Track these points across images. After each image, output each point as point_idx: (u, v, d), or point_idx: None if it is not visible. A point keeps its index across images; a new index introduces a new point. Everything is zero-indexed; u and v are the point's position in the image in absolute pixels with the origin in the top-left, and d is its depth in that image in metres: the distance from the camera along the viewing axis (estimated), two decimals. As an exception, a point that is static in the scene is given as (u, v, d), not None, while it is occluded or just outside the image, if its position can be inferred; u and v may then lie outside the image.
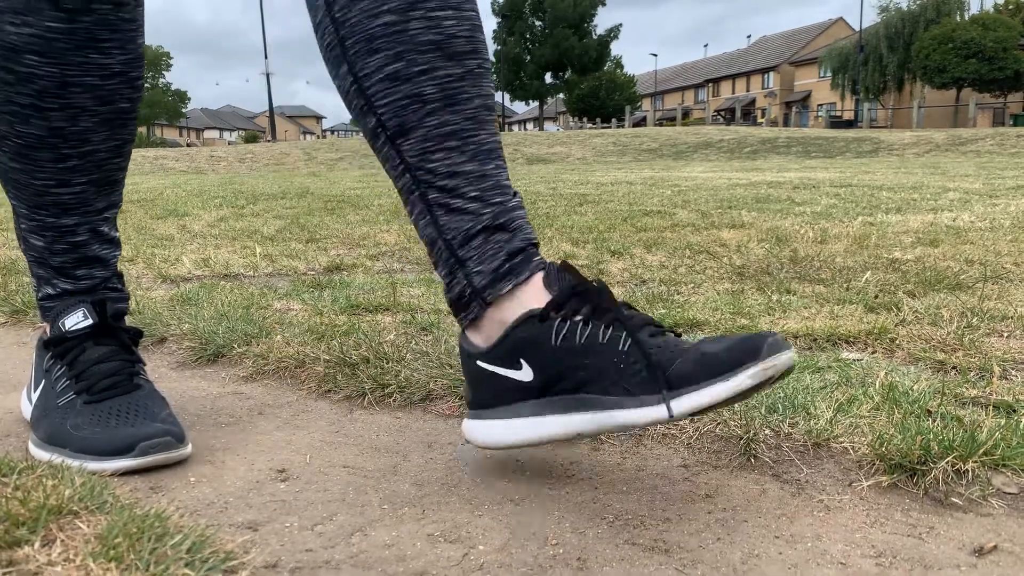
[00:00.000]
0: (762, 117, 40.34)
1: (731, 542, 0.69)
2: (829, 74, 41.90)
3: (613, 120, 38.79)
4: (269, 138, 34.97)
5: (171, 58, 56.97)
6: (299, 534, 0.70)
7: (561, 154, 17.03)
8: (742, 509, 0.75)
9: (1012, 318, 1.43)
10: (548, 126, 49.96)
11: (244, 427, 0.99)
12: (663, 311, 1.56)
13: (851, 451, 0.84)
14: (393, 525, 0.72)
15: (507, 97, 45.82)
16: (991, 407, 0.95)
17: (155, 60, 55.16)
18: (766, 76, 53.34)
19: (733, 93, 56.14)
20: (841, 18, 52.65)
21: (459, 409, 1.03)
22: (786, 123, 40.67)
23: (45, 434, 0.88)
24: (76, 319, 0.93)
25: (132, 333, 0.97)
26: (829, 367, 1.16)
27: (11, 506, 0.63)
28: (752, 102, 52.35)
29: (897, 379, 1.07)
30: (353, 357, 1.16)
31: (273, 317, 1.51)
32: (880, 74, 38.35)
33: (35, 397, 0.96)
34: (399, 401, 1.06)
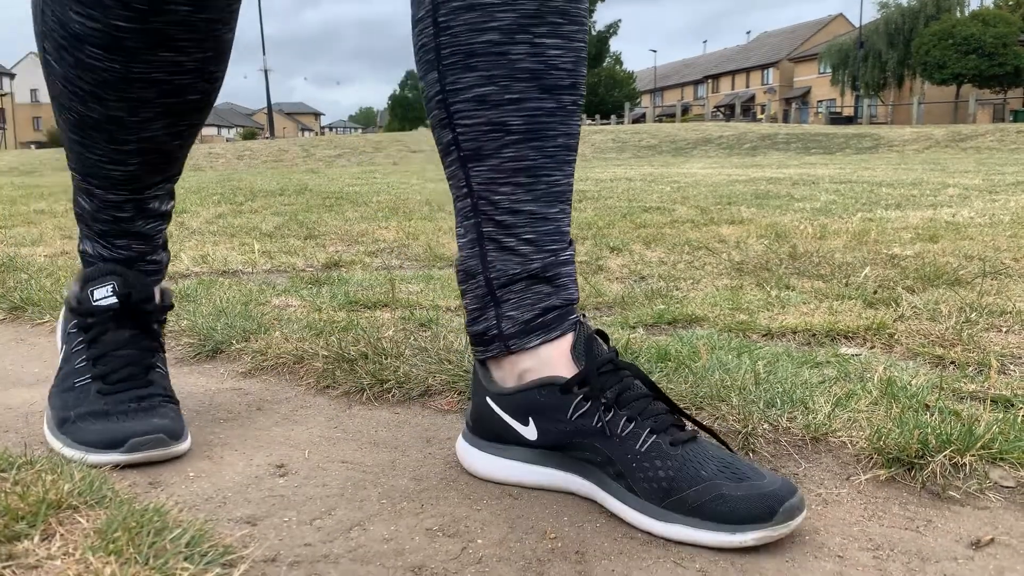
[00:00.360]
0: (762, 113, 40.33)
1: (729, 536, 0.69)
2: (829, 70, 41.93)
3: (612, 116, 38.72)
4: (267, 135, 34.96)
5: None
6: (298, 529, 0.70)
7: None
8: (740, 503, 0.75)
9: (1011, 313, 1.43)
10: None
11: (243, 423, 0.99)
12: (662, 307, 1.56)
13: (849, 445, 0.85)
14: (392, 519, 0.72)
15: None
16: (989, 401, 0.95)
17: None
18: (766, 72, 53.33)
19: (733, 89, 56.12)
20: (841, 14, 52.66)
21: (458, 405, 1.03)
22: (786, 119, 40.64)
23: (57, 418, 0.89)
24: (104, 293, 0.91)
25: (160, 310, 0.95)
26: (828, 362, 1.17)
27: (10, 500, 0.64)
28: (752, 98, 52.34)
29: (895, 374, 1.07)
30: (352, 353, 1.16)
31: (272, 313, 1.51)
32: (880, 70, 38.36)
33: (60, 351, 0.96)
34: (398, 397, 1.06)
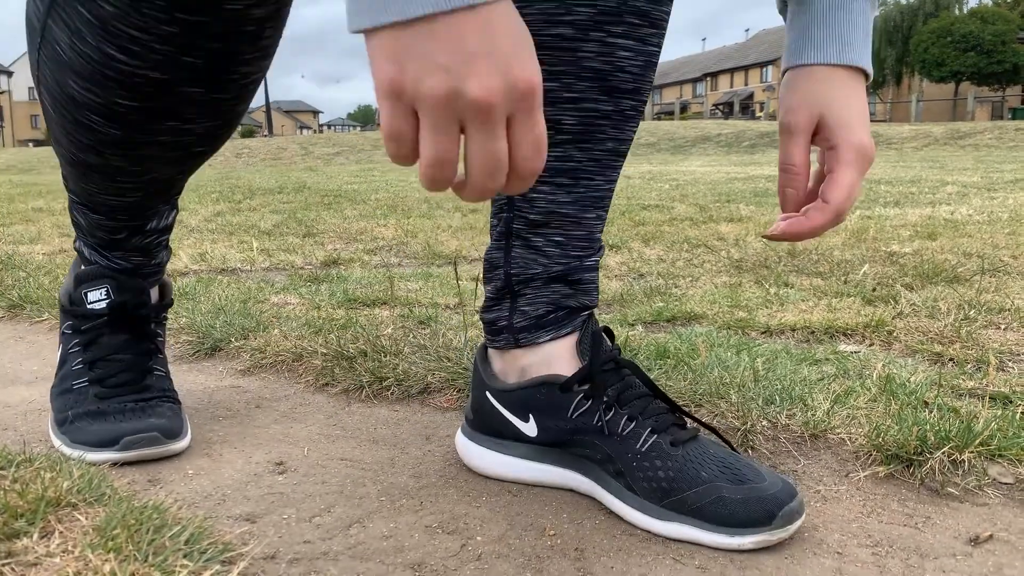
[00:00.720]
0: (761, 111, 40.32)
1: (728, 532, 0.69)
2: (827, 68, 41.81)
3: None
4: (266, 133, 34.92)
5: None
6: (297, 526, 0.70)
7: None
8: (739, 500, 0.75)
9: (1009, 310, 1.43)
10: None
11: (242, 420, 0.99)
12: (661, 304, 1.56)
13: (848, 442, 0.85)
14: (391, 517, 0.72)
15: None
16: (987, 398, 0.95)
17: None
18: (765, 70, 53.31)
19: (731, 87, 56.12)
20: (839, 12, 52.54)
21: (457, 402, 1.03)
22: (784, 117, 40.55)
23: (57, 418, 0.90)
24: (98, 296, 0.90)
25: (158, 309, 0.94)
26: (827, 359, 1.17)
27: (9, 498, 0.64)
28: (751, 96, 52.32)
29: (894, 371, 1.07)
30: (351, 351, 1.16)
31: (270, 311, 1.51)
32: (878, 68, 38.35)
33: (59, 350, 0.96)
34: (397, 394, 1.06)
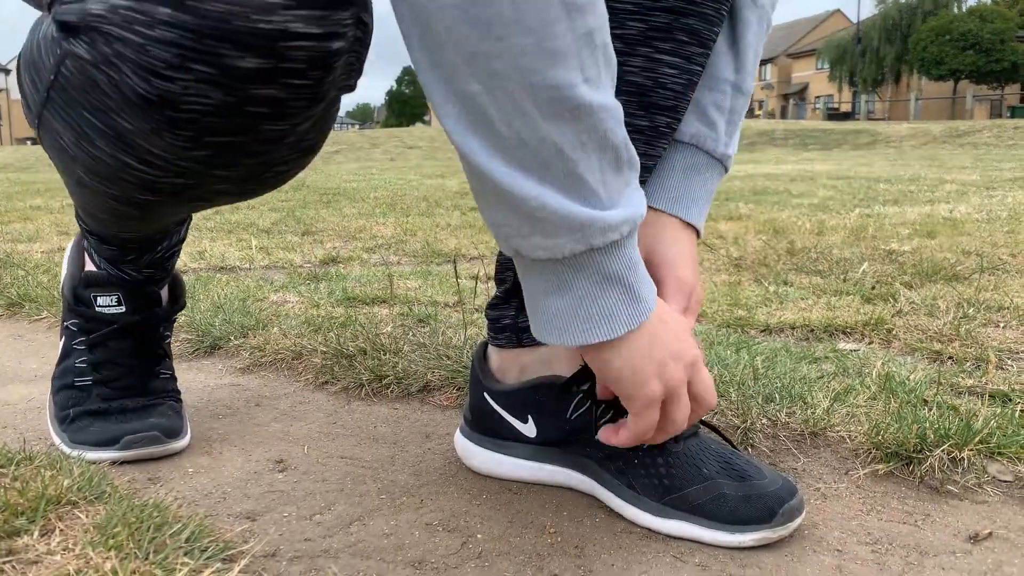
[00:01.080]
0: (759, 109, 40.31)
1: (728, 530, 0.69)
2: (826, 66, 41.91)
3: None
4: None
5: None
6: (297, 524, 0.70)
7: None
8: (739, 498, 0.75)
9: (1008, 308, 1.43)
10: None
11: (241, 418, 0.99)
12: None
13: (847, 440, 0.85)
14: (391, 514, 0.72)
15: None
16: (987, 396, 0.95)
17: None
18: (763, 68, 53.27)
19: (730, 85, 55.96)
20: (839, 10, 52.59)
21: (456, 400, 1.03)
22: (783, 115, 40.67)
23: (58, 415, 0.89)
24: (107, 302, 0.90)
25: (169, 312, 0.94)
26: (826, 357, 1.17)
27: (10, 496, 0.64)
28: (749, 94, 52.23)
29: (894, 369, 1.07)
30: (350, 349, 1.16)
31: (270, 309, 1.51)
32: (877, 66, 38.35)
33: (60, 344, 0.95)
34: (396, 392, 1.06)
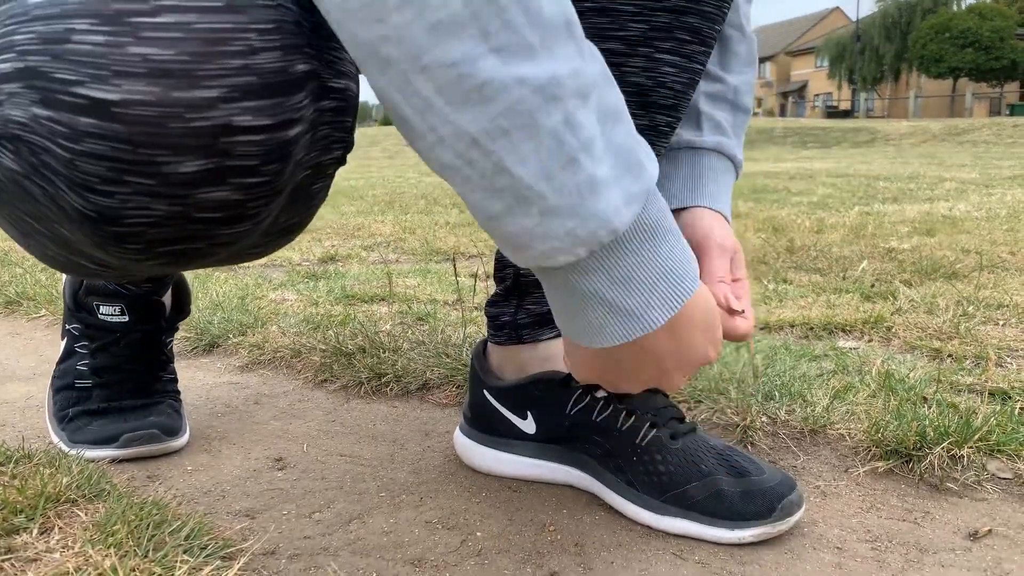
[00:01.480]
0: (758, 107, 40.31)
1: (728, 528, 0.69)
2: (826, 64, 41.90)
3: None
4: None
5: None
6: (297, 522, 0.70)
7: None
8: (738, 495, 0.75)
9: (1007, 306, 1.43)
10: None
11: (241, 416, 0.99)
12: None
13: (847, 438, 0.85)
14: (391, 512, 0.72)
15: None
16: (986, 394, 0.95)
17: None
18: (762, 66, 53.24)
19: (729, 83, 55.93)
20: (838, 8, 52.57)
21: (456, 398, 1.03)
22: (782, 113, 40.67)
23: (57, 414, 0.89)
24: (110, 311, 0.90)
25: (172, 319, 0.93)
26: (826, 355, 1.17)
27: (8, 494, 0.64)
28: (748, 92, 52.20)
29: (893, 367, 1.07)
30: (349, 347, 1.16)
31: (268, 308, 1.51)
32: (877, 64, 38.35)
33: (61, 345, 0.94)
34: (396, 390, 1.06)
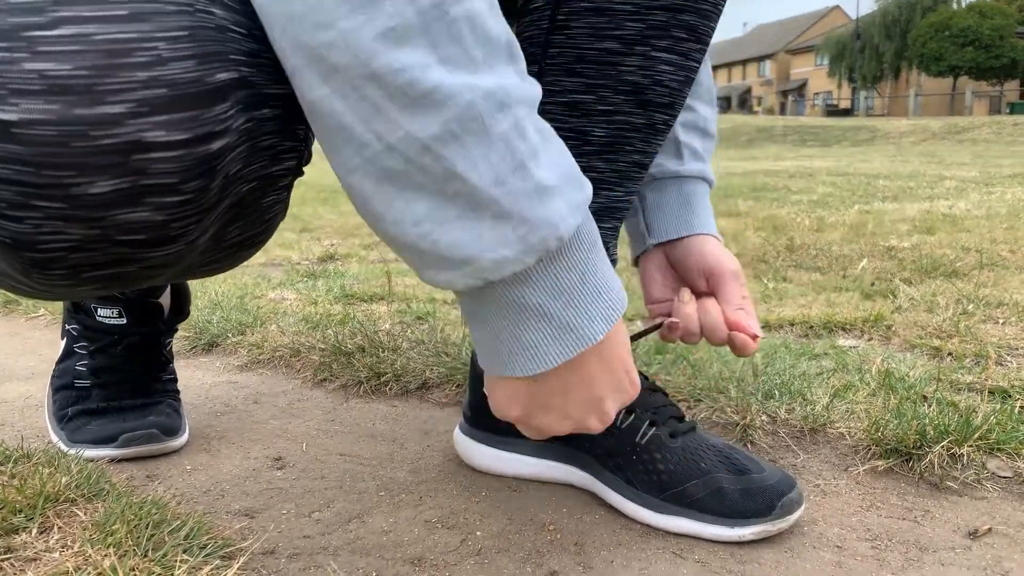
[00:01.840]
0: (758, 106, 40.31)
1: (727, 527, 0.69)
2: (826, 62, 41.88)
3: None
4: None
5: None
6: (296, 521, 0.70)
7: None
8: (738, 494, 0.75)
9: (1007, 305, 1.43)
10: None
11: (240, 416, 0.99)
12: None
13: (847, 436, 0.85)
14: (391, 512, 0.72)
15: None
16: (986, 392, 0.95)
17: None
18: (762, 64, 53.25)
19: (729, 82, 56.03)
20: (838, 6, 52.55)
21: (455, 397, 1.03)
22: (782, 111, 40.67)
23: (56, 413, 0.89)
24: (108, 313, 0.90)
25: (171, 321, 0.93)
26: (825, 354, 1.17)
27: (7, 493, 0.63)
28: (748, 90, 52.28)
29: (893, 365, 1.07)
30: (348, 346, 1.16)
31: (267, 307, 1.51)
32: (877, 62, 38.33)
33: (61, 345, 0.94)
34: (395, 390, 1.06)
